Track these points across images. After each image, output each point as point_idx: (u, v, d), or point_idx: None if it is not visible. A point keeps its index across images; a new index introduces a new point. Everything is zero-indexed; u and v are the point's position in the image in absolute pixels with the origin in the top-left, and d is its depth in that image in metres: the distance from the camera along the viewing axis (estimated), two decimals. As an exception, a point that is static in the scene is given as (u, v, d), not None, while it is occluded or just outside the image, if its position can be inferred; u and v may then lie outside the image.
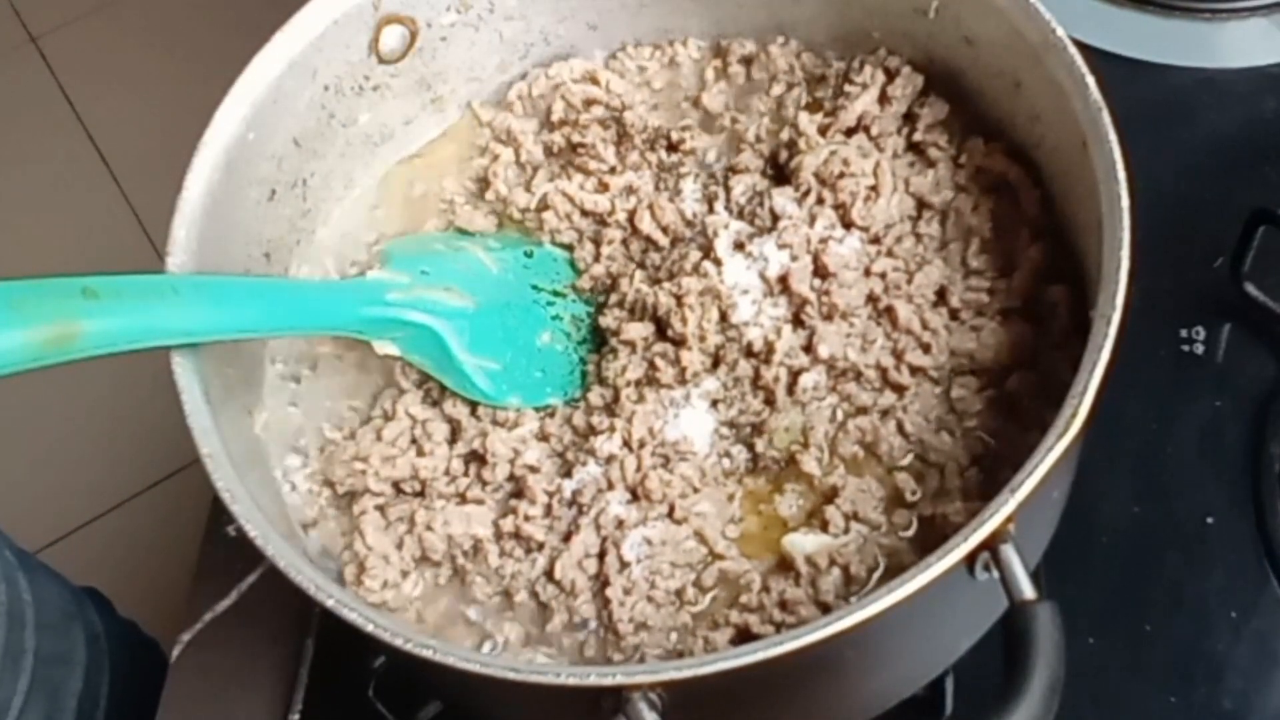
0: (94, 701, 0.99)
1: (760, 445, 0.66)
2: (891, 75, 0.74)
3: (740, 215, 0.72)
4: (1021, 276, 0.67)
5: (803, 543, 0.63)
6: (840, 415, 0.66)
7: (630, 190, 0.75)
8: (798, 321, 0.68)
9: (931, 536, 0.61)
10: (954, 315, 0.68)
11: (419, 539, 0.65)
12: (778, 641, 0.50)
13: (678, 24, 0.79)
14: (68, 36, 2.27)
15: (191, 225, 0.64)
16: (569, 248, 0.75)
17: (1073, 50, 0.63)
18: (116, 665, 1.03)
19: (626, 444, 0.66)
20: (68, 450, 1.80)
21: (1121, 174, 0.58)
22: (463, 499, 0.67)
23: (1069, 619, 0.52)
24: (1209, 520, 0.77)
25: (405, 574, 0.66)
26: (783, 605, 0.61)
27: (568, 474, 0.66)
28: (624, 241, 0.74)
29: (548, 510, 0.66)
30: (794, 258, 0.69)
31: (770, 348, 0.67)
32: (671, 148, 0.76)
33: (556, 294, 0.74)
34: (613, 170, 0.76)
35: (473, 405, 0.70)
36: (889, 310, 0.67)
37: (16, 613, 0.91)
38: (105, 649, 1.02)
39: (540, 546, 0.65)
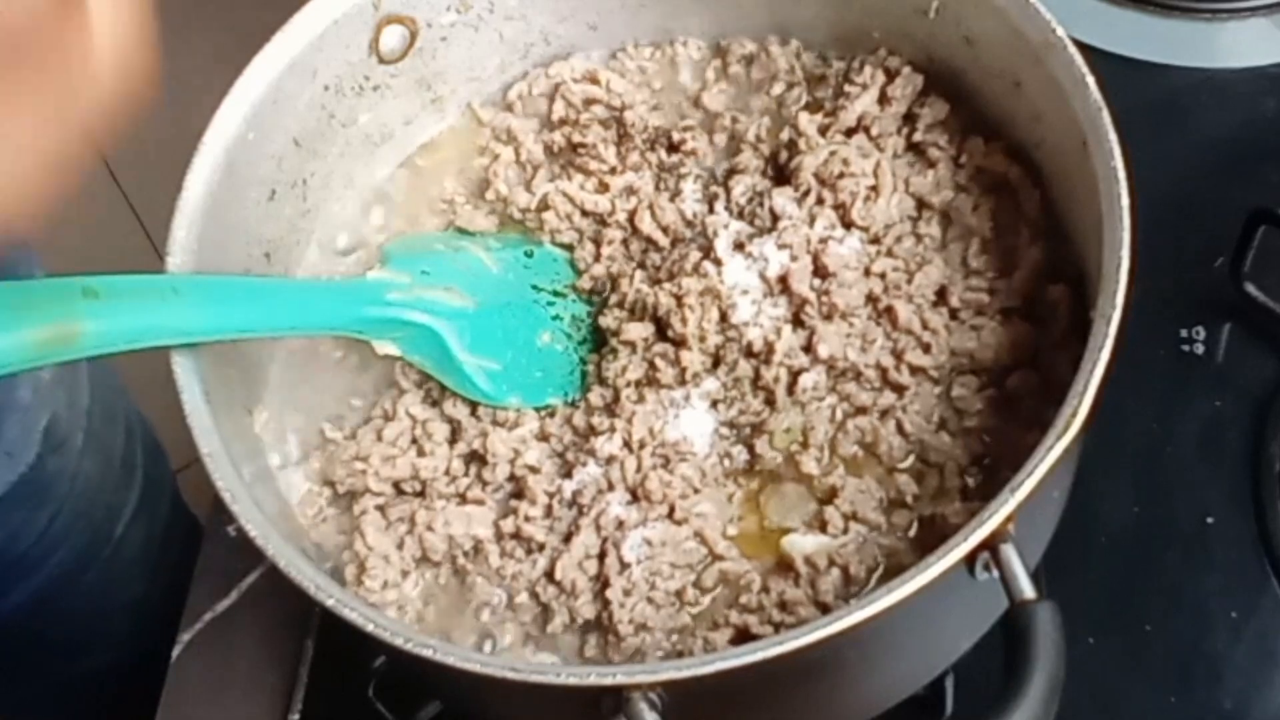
0: (171, 540, 1.05)
1: (760, 445, 0.66)
2: (891, 75, 0.73)
3: (740, 215, 0.72)
4: (1021, 276, 0.67)
5: (802, 543, 0.63)
6: (840, 415, 0.66)
7: (630, 190, 0.75)
8: (798, 321, 0.68)
9: (931, 536, 0.61)
10: (954, 315, 0.68)
11: (419, 539, 0.66)
12: (777, 641, 0.50)
13: (678, 24, 0.79)
14: (68, 36, 2.27)
15: (191, 225, 0.64)
16: (569, 248, 0.75)
17: (1073, 50, 0.63)
18: (185, 522, 1.09)
19: (627, 444, 0.66)
20: (68, 450, 1.80)
21: (1121, 174, 0.58)
22: (463, 499, 0.67)
23: (1069, 619, 0.52)
24: (1209, 520, 0.77)
25: (405, 574, 0.66)
26: (782, 606, 0.61)
27: (568, 474, 0.66)
28: (624, 242, 0.74)
29: (548, 511, 0.66)
30: (794, 258, 0.69)
31: (770, 348, 0.67)
32: (672, 148, 0.76)
33: (556, 294, 0.74)
34: (613, 170, 0.76)
35: (473, 405, 0.69)
36: (889, 310, 0.67)
37: (131, 428, 0.97)
38: (180, 506, 1.09)
39: (541, 547, 0.65)
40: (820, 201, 0.70)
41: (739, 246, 0.70)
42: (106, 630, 1.03)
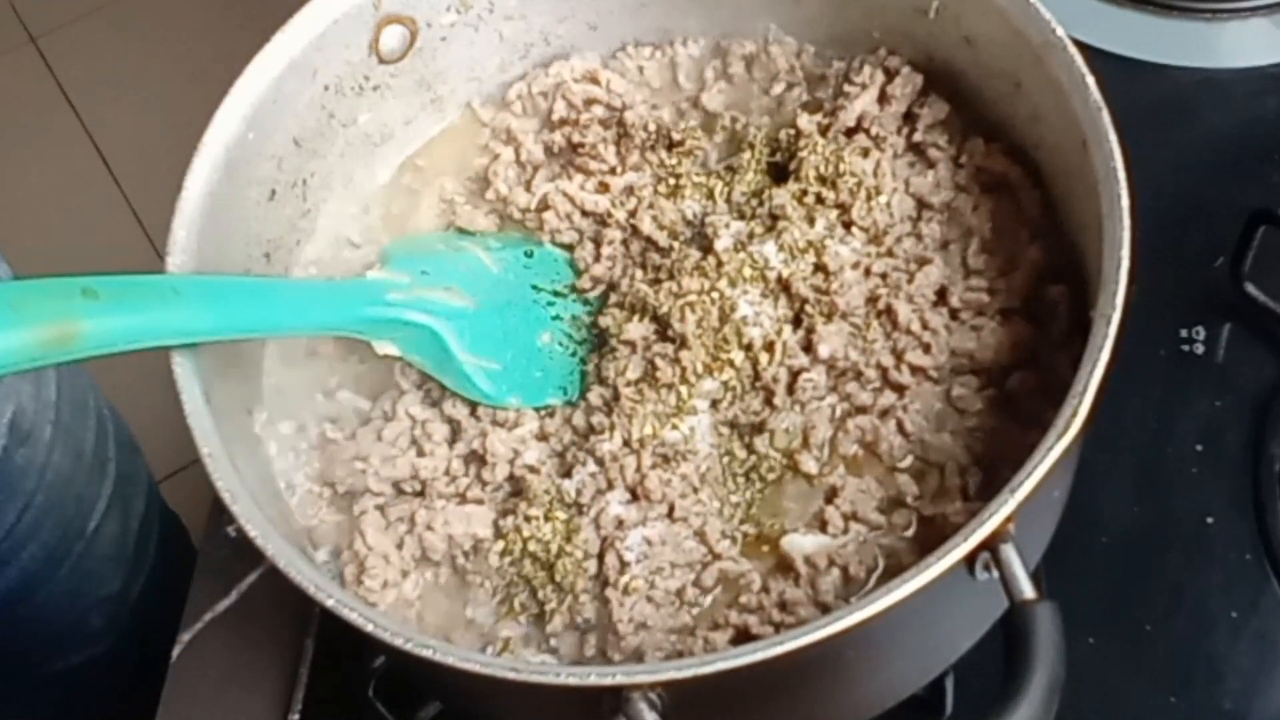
0: (148, 536, 1.05)
1: (760, 445, 0.66)
2: (891, 75, 0.74)
3: (740, 215, 0.72)
4: (1021, 276, 0.67)
5: (802, 543, 0.63)
6: (840, 415, 0.66)
7: (630, 190, 0.75)
8: (798, 321, 0.68)
9: (931, 536, 0.61)
10: (954, 315, 0.68)
11: (419, 539, 0.65)
12: (777, 641, 0.50)
13: (678, 24, 0.79)
14: (68, 36, 2.27)
15: (191, 225, 0.64)
16: (569, 248, 0.75)
17: (1073, 50, 0.63)
18: (164, 518, 1.10)
19: (626, 444, 0.66)
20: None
21: (1121, 174, 0.58)
22: (463, 499, 0.67)
23: (1069, 619, 0.52)
24: (1209, 520, 0.77)
25: (405, 574, 0.65)
26: (782, 606, 0.61)
27: (567, 474, 0.66)
28: (624, 242, 0.74)
29: (548, 511, 0.66)
30: (794, 258, 0.69)
31: (770, 347, 0.67)
32: (671, 147, 0.76)
33: (556, 294, 0.74)
34: (613, 170, 0.76)
35: (473, 405, 0.69)
36: (889, 310, 0.67)
37: (102, 422, 0.97)
38: (157, 503, 1.09)
39: (540, 546, 0.65)
40: (820, 201, 0.70)
41: (739, 246, 0.70)
42: (82, 627, 1.02)
